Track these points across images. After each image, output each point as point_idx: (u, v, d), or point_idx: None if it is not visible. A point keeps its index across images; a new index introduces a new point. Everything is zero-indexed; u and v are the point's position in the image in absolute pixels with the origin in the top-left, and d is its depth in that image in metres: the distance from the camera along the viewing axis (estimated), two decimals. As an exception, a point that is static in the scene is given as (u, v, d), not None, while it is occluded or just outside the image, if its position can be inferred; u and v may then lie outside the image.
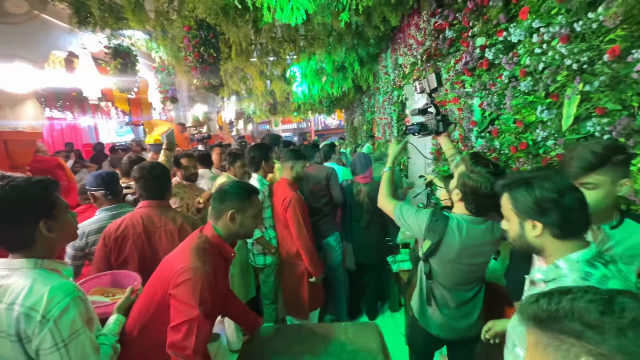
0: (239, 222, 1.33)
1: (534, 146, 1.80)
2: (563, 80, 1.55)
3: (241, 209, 1.33)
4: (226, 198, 1.33)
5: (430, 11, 2.95)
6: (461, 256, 1.38)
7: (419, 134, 1.71)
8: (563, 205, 0.82)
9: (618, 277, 0.78)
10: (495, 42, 2.04)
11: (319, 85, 5.99)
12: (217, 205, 1.34)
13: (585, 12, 1.41)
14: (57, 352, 0.82)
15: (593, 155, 0.98)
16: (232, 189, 1.35)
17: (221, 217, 1.33)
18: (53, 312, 0.83)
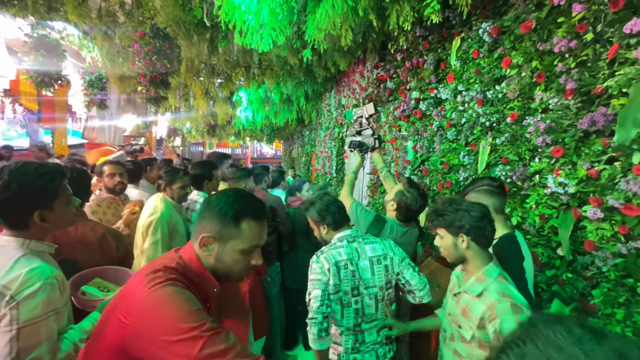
0: (214, 253, 0.86)
1: (456, 185, 2.15)
2: (478, 134, 1.95)
3: (220, 235, 0.86)
4: (205, 212, 0.88)
5: (373, 63, 3.39)
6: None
7: (358, 149, 1.96)
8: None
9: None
10: (427, 97, 2.45)
11: (263, 113, 6.10)
12: (197, 219, 0.92)
13: (493, 85, 1.85)
14: (9, 334, 0.83)
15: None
16: (218, 200, 0.88)
17: (196, 239, 0.88)
18: (22, 294, 0.86)
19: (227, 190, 0.92)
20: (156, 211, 1.94)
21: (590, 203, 1.32)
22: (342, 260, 1.44)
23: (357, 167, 2.01)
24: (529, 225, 1.58)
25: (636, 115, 1.12)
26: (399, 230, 1.75)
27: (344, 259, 1.44)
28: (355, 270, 1.45)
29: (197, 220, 0.89)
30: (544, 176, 1.54)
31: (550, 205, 1.49)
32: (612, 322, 1.24)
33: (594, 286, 1.32)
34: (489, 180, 1.43)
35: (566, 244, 1.37)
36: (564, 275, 1.42)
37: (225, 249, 0.86)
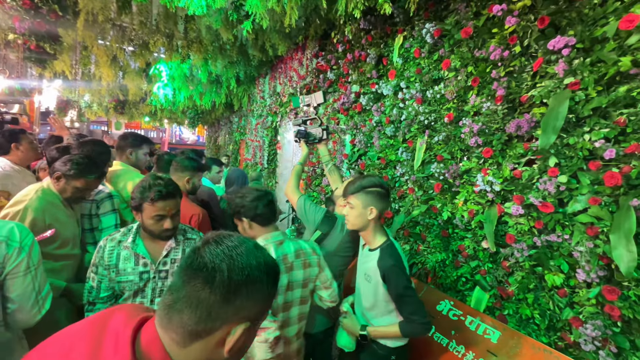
0: (234, 349, 0.56)
1: (392, 180, 2.21)
2: (415, 132, 2.02)
3: (258, 318, 0.60)
4: (242, 294, 0.55)
5: (314, 52, 3.28)
6: (339, 249, 1.59)
7: (305, 140, 1.83)
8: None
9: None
10: (368, 91, 2.45)
11: (186, 92, 5.42)
12: (209, 307, 0.53)
13: (432, 85, 1.93)
14: (30, 275, 1.03)
15: (353, 184, 1.36)
16: (261, 272, 0.57)
17: (207, 336, 0.54)
18: (26, 242, 1.03)
19: (259, 253, 0.59)
20: (18, 203, 1.40)
21: (512, 200, 1.47)
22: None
23: (305, 159, 1.86)
24: (458, 220, 1.69)
25: (555, 123, 1.26)
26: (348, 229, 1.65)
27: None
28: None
29: (208, 305, 0.53)
30: (472, 175, 1.67)
31: (477, 201, 1.62)
32: (523, 306, 1.40)
33: (510, 275, 1.47)
34: (381, 181, 1.34)
35: (491, 237, 1.50)
36: (486, 265, 1.56)
37: (250, 333, 0.59)
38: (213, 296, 0.52)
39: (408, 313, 1.25)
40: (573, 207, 1.24)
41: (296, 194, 1.68)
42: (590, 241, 1.17)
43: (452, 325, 1.51)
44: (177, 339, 0.53)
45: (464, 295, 1.68)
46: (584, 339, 1.19)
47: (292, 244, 1.33)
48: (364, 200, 1.31)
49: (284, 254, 1.29)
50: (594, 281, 1.17)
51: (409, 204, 2.06)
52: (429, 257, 1.88)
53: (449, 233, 1.78)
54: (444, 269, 1.80)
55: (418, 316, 1.24)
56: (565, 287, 1.29)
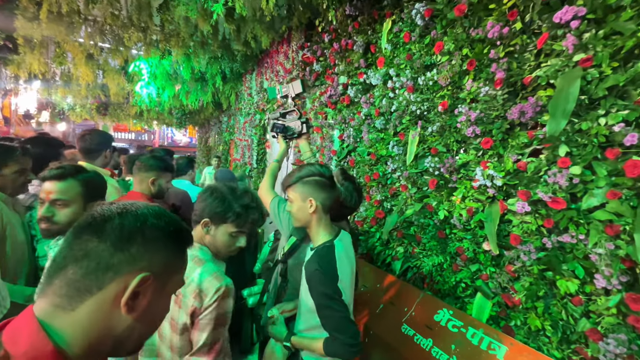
0: (142, 309, 0.51)
1: (383, 177, 2.04)
2: (407, 123, 1.85)
3: (165, 270, 0.55)
4: (137, 241, 0.50)
5: (299, 43, 3.10)
6: None
7: (282, 134, 1.66)
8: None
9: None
10: (356, 82, 2.28)
11: (171, 91, 5.21)
12: (98, 256, 0.47)
13: (424, 72, 1.76)
14: None
15: (291, 175, 1.23)
16: (160, 220, 0.54)
17: (98, 292, 0.47)
18: None
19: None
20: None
21: (515, 196, 1.30)
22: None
23: (282, 155, 1.67)
24: (455, 219, 1.52)
25: (565, 106, 1.10)
26: None
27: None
28: None
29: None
30: (471, 168, 1.50)
31: (476, 198, 1.45)
32: (532, 316, 1.23)
33: (515, 280, 1.30)
34: (321, 169, 1.19)
35: (493, 238, 1.33)
36: (488, 269, 1.40)
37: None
38: (102, 244, 0.47)
39: (330, 329, 1.08)
40: (588, 202, 1.07)
41: (270, 195, 1.50)
42: (611, 242, 1.01)
43: (452, 338, 1.34)
44: (60, 302, 0.45)
45: (464, 302, 1.51)
46: (605, 354, 1.02)
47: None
48: (302, 192, 1.17)
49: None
50: (615, 288, 1.01)
51: (402, 202, 1.89)
52: (425, 260, 1.71)
53: (446, 234, 1.61)
54: (442, 273, 1.63)
55: (342, 335, 1.06)
56: (580, 295, 1.12)
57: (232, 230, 1.07)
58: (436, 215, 1.64)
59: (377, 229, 2.07)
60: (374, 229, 2.10)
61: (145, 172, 1.65)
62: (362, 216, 2.16)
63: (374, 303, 1.75)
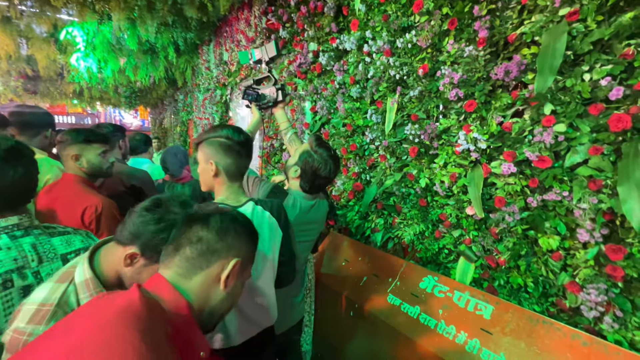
0: (231, 287, 0.68)
1: (360, 148, 1.96)
2: (385, 90, 1.77)
3: (246, 259, 0.72)
4: (232, 234, 0.69)
5: (262, 8, 2.84)
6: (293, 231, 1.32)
7: (256, 103, 1.50)
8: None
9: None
10: (327, 48, 2.13)
11: (115, 65, 4.62)
12: (207, 242, 0.66)
13: (401, 35, 1.67)
14: None
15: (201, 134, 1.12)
16: (245, 221, 0.74)
17: (207, 269, 0.65)
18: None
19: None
20: None
21: (498, 159, 1.29)
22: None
23: (254, 126, 1.51)
24: (438, 186, 1.50)
25: (552, 62, 1.07)
26: (303, 205, 1.34)
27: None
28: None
29: (205, 245, 0.66)
30: (452, 134, 1.47)
31: (459, 163, 1.43)
32: (514, 274, 1.26)
33: (498, 242, 1.32)
34: (230, 132, 1.06)
35: (478, 202, 1.32)
36: (470, 233, 1.40)
37: (243, 275, 0.73)
38: (210, 234, 0.66)
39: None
40: (571, 159, 1.08)
41: None
42: (594, 196, 1.03)
43: (439, 303, 1.35)
44: (181, 272, 0.64)
45: (446, 268, 1.53)
46: (586, 305, 1.07)
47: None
48: (206, 153, 1.05)
49: None
50: (597, 240, 1.04)
51: (380, 173, 1.84)
52: (406, 229, 1.69)
53: (427, 202, 1.59)
54: (423, 241, 1.63)
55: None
56: (560, 250, 1.15)
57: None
58: (417, 184, 1.61)
59: (356, 202, 2.02)
60: (352, 203, 2.05)
61: (64, 150, 1.35)
62: (339, 190, 2.09)
63: (356, 276, 1.72)
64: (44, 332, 0.55)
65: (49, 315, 0.67)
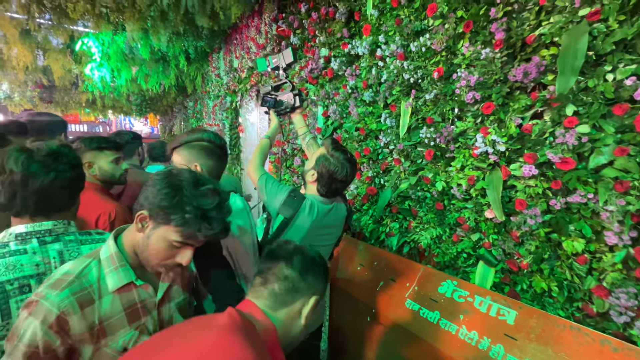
0: (308, 318, 0.77)
1: (374, 152, 1.96)
2: (398, 94, 1.77)
3: (322, 295, 0.81)
4: (312, 274, 0.78)
5: (272, 15, 2.88)
6: (309, 237, 1.33)
7: (274, 109, 1.52)
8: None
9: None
10: (339, 54, 2.15)
11: (127, 74, 4.72)
12: (292, 281, 0.75)
13: (415, 38, 1.67)
14: None
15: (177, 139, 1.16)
16: (321, 260, 0.83)
17: (291, 305, 0.75)
18: None
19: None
20: None
21: (517, 161, 1.28)
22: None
23: (273, 132, 1.52)
24: (456, 189, 1.49)
25: (573, 63, 1.06)
26: (320, 209, 1.33)
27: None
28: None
29: (289, 282, 0.75)
30: (469, 136, 1.46)
31: (477, 166, 1.42)
32: (537, 278, 1.24)
33: (519, 245, 1.30)
34: (211, 136, 1.13)
35: (497, 205, 1.31)
36: (490, 237, 1.38)
37: (315, 311, 0.84)
38: (294, 273, 0.75)
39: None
40: (595, 160, 1.06)
41: (258, 172, 1.37)
42: (621, 198, 1.00)
43: (459, 308, 1.32)
44: (269, 304, 0.73)
45: (465, 272, 1.51)
46: (615, 310, 1.04)
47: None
48: (186, 156, 1.10)
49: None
50: (626, 243, 1.02)
51: (395, 177, 1.83)
52: (423, 233, 1.67)
53: (444, 205, 1.58)
54: (440, 245, 1.61)
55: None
56: (585, 254, 1.13)
57: (174, 238, 0.74)
58: (433, 187, 1.60)
59: (370, 206, 2.01)
60: (366, 207, 2.04)
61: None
62: (353, 194, 2.09)
63: (372, 281, 1.71)
64: (145, 348, 0.64)
65: (65, 283, 0.71)
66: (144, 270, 0.82)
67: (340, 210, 1.43)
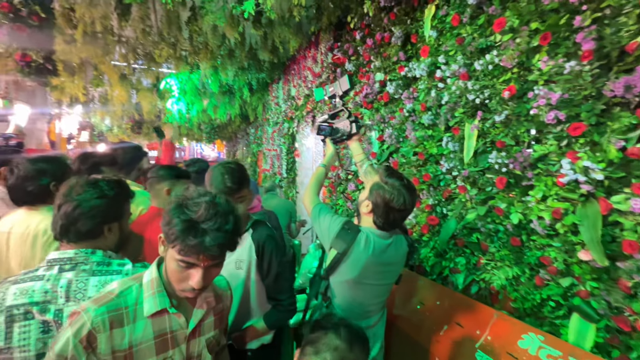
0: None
1: (434, 179, 1.81)
2: (461, 116, 1.63)
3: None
4: (357, 345, 0.82)
5: (328, 45, 2.98)
6: (365, 275, 1.22)
7: (330, 137, 1.50)
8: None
9: None
10: (395, 77, 2.09)
11: (200, 106, 5.31)
12: (341, 352, 0.79)
13: (479, 56, 1.54)
14: None
15: (239, 172, 1.25)
16: (362, 332, 0.90)
17: None
18: None
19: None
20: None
21: (623, 191, 1.04)
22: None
23: (330, 160, 1.49)
24: (536, 223, 1.27)
25: (699, 71, 0.85)
26: (377, 244, 1.20)
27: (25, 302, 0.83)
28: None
29: None
30: (550, 162, 1.25)
31: (564, 197, 1.20)
32: (662, 345, 0.96)
33: (632, 298, 1.03)
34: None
35: (596, 246, 1.07)
36: (587, 284, 1.13)
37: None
38: (343, 344, 0.79)
39: (276, 293, 1.28)
40: None
41: (313, 201, 1.34)
42: None
43: (548, 372, 1.08)
44: None
45: (553, 325, 1.24)
46: None
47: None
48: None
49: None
50: None
51: (459, 206, 1.65)
52: (495, 272, 1.45)
53: (521, 241, 1.36)
54: (519, 288, 1.37)
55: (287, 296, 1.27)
56: None
57: (177, 257, 0.73)
58: (507, 220, 1.39)
59: (430, 237, 1.84)
60: (426, 238, 1.87)
61: (157, 184, 1.56)
62: (411, 223, 1.94)
63: (435, 323, 1.52)
64: None
65: (105, 300, 0.74)
66: (181, 301, 0.82)
67: (401, 246, 1.29)
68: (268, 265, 1.26)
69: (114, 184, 0.97)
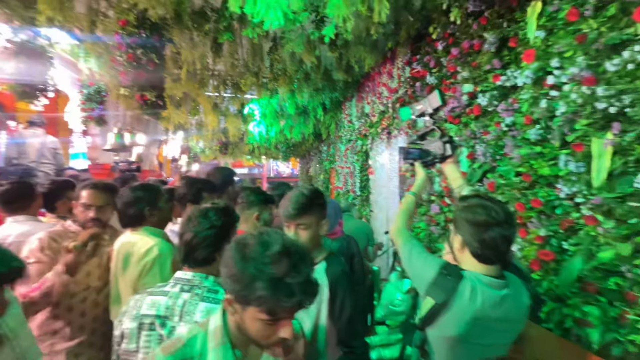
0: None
1: (547, 205, 1.50)
2: (586, 129, 1.32)
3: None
4: None
5: (405, 59, 2.85)
6: (472, 333, 0.96)
7: (420, 161, 1.34)
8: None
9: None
10: (488, 87, 1.85)
11: (277, 127, 5.65)
12: None
13: (608, 56, 1.24)
14: None
15: (305, 198, 1.17)
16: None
17: None
18: None
19: None
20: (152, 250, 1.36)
21: None
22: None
23: (419, 187, 1.33)
24: None
25: None
26: (487, 296, 0.95)
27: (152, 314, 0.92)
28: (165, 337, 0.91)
29: None
30: None
31: None
32: None
33: None
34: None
35: None
36: None
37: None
38: None
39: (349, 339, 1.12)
40: None
41: (403, 235, 1.18)
42: None
43: None
44: None
45: None
46: None
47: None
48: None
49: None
50: None
51: (588, 241, 1.32)
52: (651, 334, 1.09)
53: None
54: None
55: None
56: None
57: (263, 317, 0.67)
58: None
59: (544, 276, 1.51)
60: (536, 276, 1.55)
61: (248, 209, 1.62)
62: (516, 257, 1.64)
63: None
64: None
65: (173, 349, 0.73)
66: (249, 349, 0.76)
67: (521, 298, 1.03)
68: (341, 305, 1.13)
69: (221, 212, 1.04)
